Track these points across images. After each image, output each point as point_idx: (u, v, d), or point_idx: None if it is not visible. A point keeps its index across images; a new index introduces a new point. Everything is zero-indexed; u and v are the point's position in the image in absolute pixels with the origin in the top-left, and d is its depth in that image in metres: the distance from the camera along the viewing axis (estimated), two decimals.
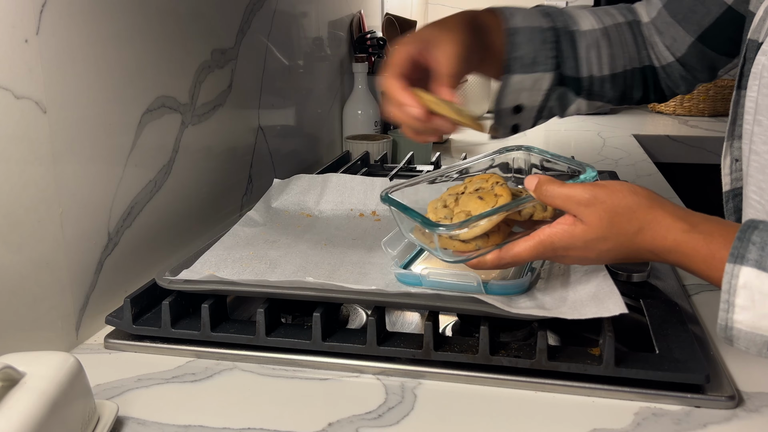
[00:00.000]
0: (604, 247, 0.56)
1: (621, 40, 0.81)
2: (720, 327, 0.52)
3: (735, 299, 0.50)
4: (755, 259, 0.49)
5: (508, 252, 0.59)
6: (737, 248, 0.50)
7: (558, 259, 0.60)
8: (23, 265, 0.60)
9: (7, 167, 0.57)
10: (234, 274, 0.70)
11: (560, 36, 0.78)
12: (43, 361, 0.47)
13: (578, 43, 0.79)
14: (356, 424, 0.54)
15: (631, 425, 0.53)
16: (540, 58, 0.76)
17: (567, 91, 0.80)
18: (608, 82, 0.80)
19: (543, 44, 0.77)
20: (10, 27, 0.57)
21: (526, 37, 0.76)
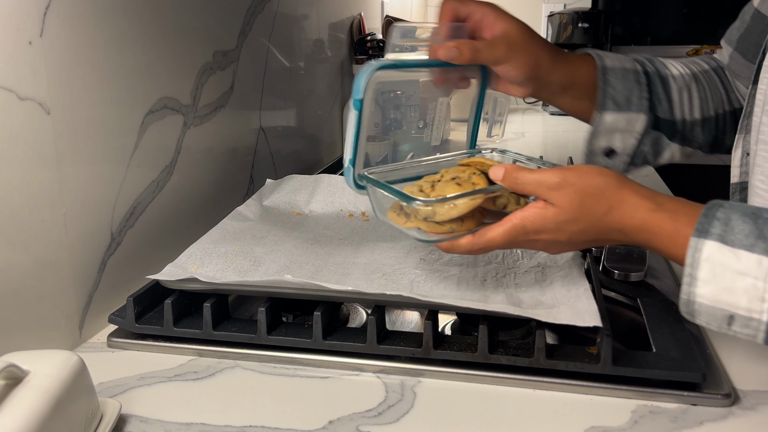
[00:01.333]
0: (575, 228, 0.56)
1: (710, 85, 0.79)
2: (682, 301, 0.53)
3: (697, 272, 0.51)
4: (718, 234, 0.50)
5: (482, 237, 0.58)
6: (702, 224, 0.51)
7: (530, 244, 0.59)
8: (27, 264, 0.60)
9: (11, 168, 0.57)
10: (217, 271, 0.70)
11: (652, 78, 0.77)
12: (47, 359, 0.47)
13: (670, 87, 0.77)
14: (356, 421, 0.54)
15: (628, 423, 0.53)
16: (634, 97, 0.75)
17: (661, 135, 0.77)
18: (698, 126, 0.78)
19: (636, 84, 0.75)
20: (14, 29, 0.57)
21: (619, 76, 0.75)
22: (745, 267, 0.49)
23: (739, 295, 0.50)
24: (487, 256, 0.74)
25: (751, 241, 0.49)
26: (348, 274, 0.70)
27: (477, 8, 0.68)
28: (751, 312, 0.50)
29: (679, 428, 0.52)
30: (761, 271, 0.49)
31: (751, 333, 0.51)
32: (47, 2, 0.61)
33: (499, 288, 0.66)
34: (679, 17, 2.78)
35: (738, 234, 0.50)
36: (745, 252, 0.49)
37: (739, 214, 0.51)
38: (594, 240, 0.58)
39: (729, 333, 0.51)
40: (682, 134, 0.78)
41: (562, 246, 0.59)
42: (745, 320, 0.50)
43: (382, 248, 0.78)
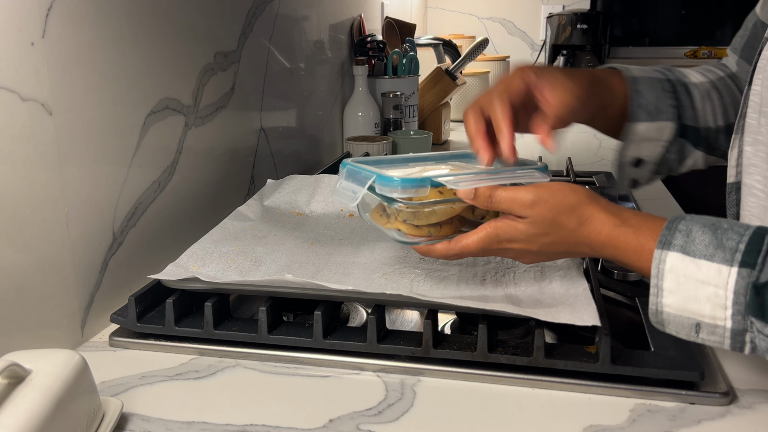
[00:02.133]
0: (546, 240, 0.58)
1: (728, 92, 0.79)
2: (651, 311, 0.54)
3: (663, 283, 0.52)
4: (680, 245, 0.52)
5: (457, 243, 0.60)
6: (665, 236, 0.52)
7: (503, 252, 0.61)
8: (29, 264, 0.60)
9: (14, 168, 0.58)
10: (219, 270, 0.70)
11: (676, 86, 0.77)
12: (49, 358, 0.47)
13: (693, 94, 0.77)
14: (357, 420, 0.54)
15: (626, 422, 0.53)
16: (662, 106, 0.75)
17: (686, 143, 0.77)
18: (723, 134, 0.78)
19: (663, 92, 0.76)
20: (17, 30, 0.57)
21: (647, 85, 0.76)
22: (705, 276, 0.50)
23: (703, 303, 0.51)
24: (487, 257, 0.74)
25: (711, 251, 0.50)
26: (348, 274, 0.70)
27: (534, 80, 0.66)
28: (715, 319, 0.50)
29: (677, 427, 0.52)
30: (721, 279, 0.50)
31: (718, 340, 0.51)
32: (49, 4, 0.61)
33: (498, 287, 0.66)
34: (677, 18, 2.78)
35: (699, 245, 0.51)
36: (706, 261, 0.50)
37: (700, 225, 0.52)
38: (564, 252, 0.60)
39: (698, 341, 0.52)
40: (706, 141, 0.78)
41: (533, 256, 0.61)
42: (711, 328, 0.51)
43: (382, 248, 0.78)
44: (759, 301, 0.48)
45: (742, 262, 0.49)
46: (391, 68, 1.57)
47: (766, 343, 0.49)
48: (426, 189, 0.59)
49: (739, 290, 0.49)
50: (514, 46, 2.60)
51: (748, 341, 0.50)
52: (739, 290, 0.49)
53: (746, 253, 0.49)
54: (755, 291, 0.49)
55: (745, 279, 0.49)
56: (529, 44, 2.61)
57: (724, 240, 0.50)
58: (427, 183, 0.59)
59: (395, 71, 1.59)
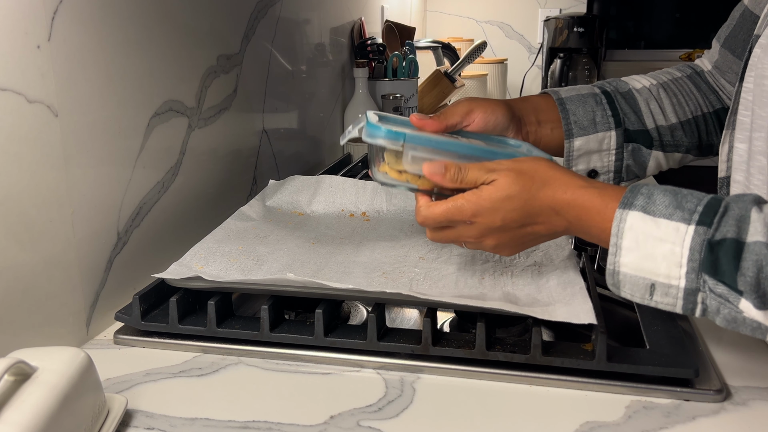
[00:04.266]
0: (509, 206, 0.58)
1: (682, 90, 0.80)
2: (608, 272, 0.54)
3: (622, 242, 0.53)
4: (641, 205, 0.52)
5: (428, 208, 0.61)
6: (627, 197, 0.53)
7: (465, 231, 0.61)
8: (35, 263, 0.60)
9: (20, 169, 0.58)
10: (221, 269, 0.70)
11: (613, 96, 0.78)
12: (55, 356, 0.47)
13: (636, 99, 0.78)
14: (357, 417, 0.54)
15: (622, 418, 0.53)
16: (598, 118, 0.76)
17: (639, 147, 0.78)
18: (679, 130, 0.78)
19: (597, 105, 0.77)
20: (23, 33, 0.57)
21: (578, 103, 0.77)
22: (663, 233, 0.51)
23: (659, 261, 0.51)
24: (485, 255, 0.74)
25: (670, 210, 0.51)
26: (349, 273, 0.70)
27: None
28: (669, 278, 0.51)
29: (672, 423, 0.52)
30: (678, 236, 0.51)
31: (671, 302, 0.52)
32: (55, 7, 0.61)
33: (496, 286, 0.66)
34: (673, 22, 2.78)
35: (659, 205, 0.52)
36: (665, 220, 0.51)
37: (661, 189, 0.53)
38: (526, 218, 0.58)
39: (651, 304, 0.53)
40: (660, 141, 0.78)
41: (494, 231, 0.59)
42: (665, 288, 0.52)
43: (382, 247, 0.78)
44: (712, 258, 0.49)
45: (699, 221, 0.50)
46: (390, 71, 1.57)
47: (716, 303, 0.50)
48: (399, 143, 0.61)
49: (694, 247, 0.50)
50: (512, 49, 2.60)
51: (700, 302, 0.51)
52: (695, 247, 0.50)
53: (703, 213, 0.51)
54: (710, 248, 0.50)
55: (701, 236, 0.50)
56: (526, 47, 2.61)
57: (683, 202, 0.52)
58: (401, 137, 0.61)
59: (395, 74, 1.59)
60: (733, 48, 0.78)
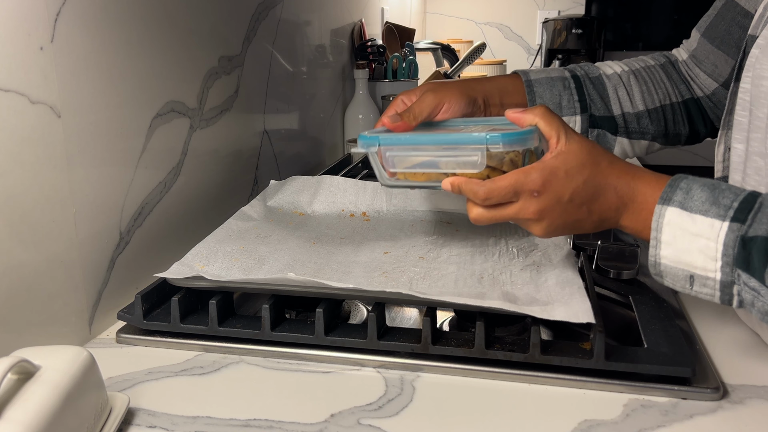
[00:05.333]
0: (580, 178, 0.56)
1: (652, 78, 0.80)
2: (650, 263, 0.56)
3: (661, 236, 0.54)
4: (679, 201, 0.54)
5: (492, 182, 0.57)
6: (666, 192, 0.55)
7: (528, 206, 0.57)
8: (39, 263, 0.60)
9: (23, 169, 0.58)
10: (223, 269, 0.70)
11: (582, 81, 0.78)
12: (58, 354, 0.47)
13: (605, 85, 0.78)
14: (357, 415, 0.54)
15: (620, 416, 0.53)
16: (564, 102, 0.77)
17: (604, 133, 0.78)
18: (645, 118, 0.79)
19: (565, 89, 0.77)
20: (26, 35, 0.57)
21: (546, 86, 0.77)
22: (699, 229, 0.53)
23: (695, 255, 0.53)
24: (484, 255, 0.74)
25: (707, 207, 0.53)
26: (349, 272, 0.70)
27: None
28: (706, 271, 0.53)
29: (670, 421, 0.52)
30: (713, 232, 0.52)
31: (710, 292, 0.54)
32: (58, 9, 0.61)
33: (495, 285, 0.66)
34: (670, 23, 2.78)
35: (696, 201, 0.53)
36: (701, 216, 0.53)
37: (699, 184, 0.54)
38: (590, 199, 0.57)
39: (692, 293, 0.55)
40: (626, 128, 0.79)
41: (558, 211, 0.57)
42: (702, 279, 0.53)
43: (382, 247, 0.78)
44: (745, 254, 0.51)
45: (733, 217, 0.52)
46: (390, 72, 1.57)
47: (751, 296, 0.52)
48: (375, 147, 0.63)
49: (728, 242, 0.51)
50: (511, 51, 2.60)
51: (736, 294, 0.53)
52: (729, 243, 0.51)
53: (738, 210, 0.52)
54: (742, 244, 0.51)
55: (734, 232, 0.51)
56: (525, 48, 2.61)
57: (720, 198, 0.53)
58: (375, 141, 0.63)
59: (395, 75, 1.59)
60: (712, 38, 0.78)
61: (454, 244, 0.78)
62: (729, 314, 0.70)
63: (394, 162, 0.63)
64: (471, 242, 0.79)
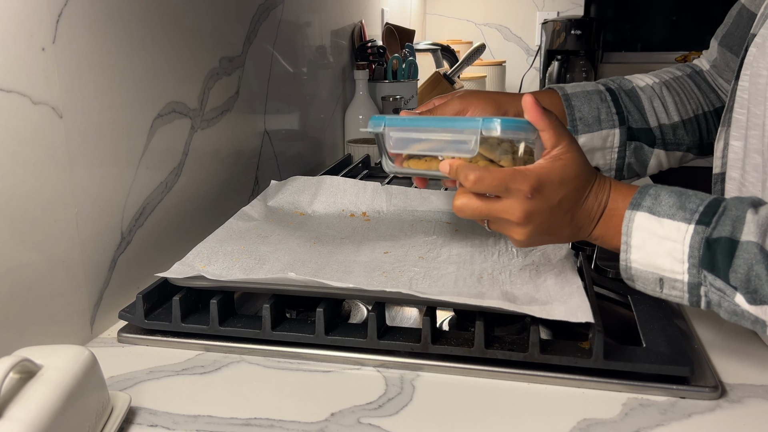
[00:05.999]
0: (572, 185, 0.56)
1: (684, 89, 0.80)
2: (621, 268, 0.57)
3: (630, 240, 0.56)
4: (648, 206, 0.55)
5: (487, 170, 0.56)
6: (636, 198, 0.56)
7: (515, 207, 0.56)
8: (40, 262, 0.60)
9: (25, 170, 0.58)
10: (224, 269, 0.70)
11: (618, 94, 0.78)
12: (60, 354, 0.47)
13: (640, 97, 0.78)
14: (357, 414, 0.54)
15: (619, 415, 0.53)
16: (603, 116, 0.77)
17: (641, 145, 0.78)
18: (681, 128, 0.79)
19: (602, 102, 0.77)
20: (28, 36, 0.57)
21: (583, 100, 0.77)
22: (667, 232, 0.54)
23: (663, 257, 0.54)
24: (483, 254, 0.74)
25: (674, 211, 0.54)
26: (349, 272, 0.70)
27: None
28: (674, 273, 0.54)
29: (668, 420, 0.52)
30: (679, 235, 0.53)
31: (679, 294, 0.55)
32: (60, 10, 0.61)
33: (494, 285, 0.66)
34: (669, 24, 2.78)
35: (664, 206, 0.55)
36: (668, 219, 0.54)
37: (667, 191, 0.56)
38: (574, 207, 0.57)
39: (662, 296, 0.56)
40: (662, 140, 0.79)
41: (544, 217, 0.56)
42: (671, 282, 0.54)
43: (382, 247, 0.78)
44: (710, 255, 0.52)
45: (698, 220, 0.53)
46: (390, 73, 1.57)
47: (717, 296, 0.53)
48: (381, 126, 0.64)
49: (693, 244, 0.53)
50: (510, 52, 2.60)
51: (703, 295, 0.53)
52: (694, 245, 0.53)
53: (703, 213, 0.53)
54: (707, 245, 0.52)
55: (699, 234, 0.53)
56: (524, 49, 2.61)
57: (686, 203, 0.54)
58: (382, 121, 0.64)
59: (395, 75, 1.59)
60: (730, 46, 0.78)
61: (453, 244, 0.78)
62: None
63: (398, 145, 0.64)
64: (470, 242, 0.79)
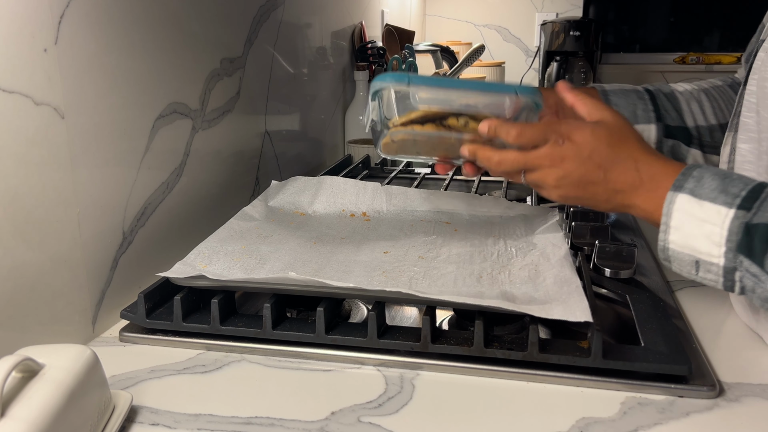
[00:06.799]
0: (605, 140, 0.58)
1: (722, 96, 0.82)
2: (659, 248, 0.57)
3: (670, 221, 0.56)
4: (690, 188, 0.55)
5: (523, 126, 0.60)
6: (679, 180, 0.56)
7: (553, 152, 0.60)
8: (43, 262, 0.60)
9: (28, 170, 0.58)
10: (225, 268, 0.70)
11: (656, 94, 0.80)
12: (62, 353, 0.47)
13: (678, 99, 0.81)
14: (357, 413, 0.54)
15: (617, 414, 0.53)
16: (639, 111, 0.79)
17: (678, 143, 0.80)
18: (718, 131, 0.80)
19: (639, 100, 0.80)
20: (30, 37, 0.57)
21: (620, 96, 0.80)
22: (707, 215, 0.54)
23: (701, 240, 0.54)
24: (483, 254, 0.74)
25: (715, 194, 0.54)
26: (349, 272, 0.70)
27: None
28: (711, 257, 0.54)
29: (667, 419, 0.52)
30: (719, 218, 0.53)
31: (713, 278, 0.55)
32: (62, 11, 0.61)
33: (494, 285, 0.66)
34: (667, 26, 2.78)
35: (706, 188, 0.54)
36: (709, 203, 0.54)
37: (711, 173, 0.55)
38: (607, 164, 0.58)
39: (698, 279, 0.56)
40: (699, 140, 0.80)
41: (575, 164, 0.59)
42: (707, 265, 0.54)
43: (382, 247, 0.78)
44: (748, 240, 0.52)
45: (740, 205, 0.52)
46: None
47: (752, 282, 0.52)
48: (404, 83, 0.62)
49: (733, 229, 0.52)
50: (509, 53, 2.60)
51: (738, 280, 0.53)
52: (733, 229, 0.52)
53: (746, 198, 0.53)
54: (746, 230, 0.52)
55: (739, 219, 0.52)
56: (523, 50, 2.61)
57: (729, 187, 0.54)
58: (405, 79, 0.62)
59: None
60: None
61: (453, 244, 0.78)
62: (725, 313, 0.70)
63: (426, 101, 0.62)
64: (470, 242, 0.79)
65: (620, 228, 0.94)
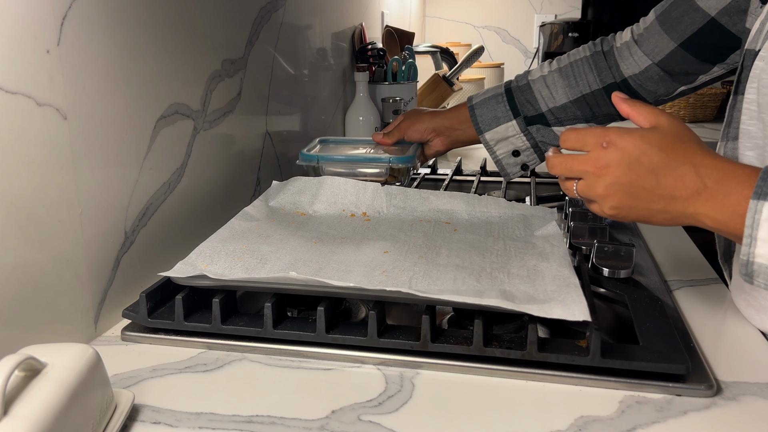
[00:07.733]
0: (656, 144, 0.54)
1: (575, 72, 0.93)
2: (742, 263, 0.52)
3: (758, 233, 0.50)
4: None
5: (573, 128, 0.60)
6: (760, 186, 0.50)
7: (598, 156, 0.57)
8: (45, 262, 0.60)
9: (30, 170, 0.58)
10: (226, 268, 0.69)
11: (513, 92, 0.96)
12: (64, 352, 0.47)
13: (531, 89, 0.95)
14: (358, 411, 0.54)
15: (616, 412, 0.53)
16: (500, 113, 0.96)
17: (540, 126, 0.95)
18: (572, 107, 0.93)
19: (498, 104, 0.96)
20: (33, 38, 0.57)
21: (484, 106, 0.97)
22: None
23: None
24: (482, 254, 0.74)
25: None
26: (350, 271, 0.70)
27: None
28: None
29: (665, 418, 0.52)
30: None
31: None
32: (64, 13, 0.61)
33: (493, 284, 0.66)
34: None
35: None
36: None
37: None
38: (659, 169, 0.54)
39: None
40: (555, 118, 0.94)
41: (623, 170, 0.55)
42: None
43: (382, 246, 0.78)
44: None
45: None
46: (390, 75, 1.57)
47: None
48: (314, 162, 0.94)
49: None
50: (509, 54, 2.60)
51: None
52: None
53: None
54: None
55: None
56: (522, 51, 2.61)
57: None
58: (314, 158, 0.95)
59: (395, 77, 1.59)
60: (662, 21, 0.87)
61: (453, 244, 0.78)
62: (723, 312, 0.70)
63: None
64: (470, 242, 0.79)
65: (618, 228, 0.94)
